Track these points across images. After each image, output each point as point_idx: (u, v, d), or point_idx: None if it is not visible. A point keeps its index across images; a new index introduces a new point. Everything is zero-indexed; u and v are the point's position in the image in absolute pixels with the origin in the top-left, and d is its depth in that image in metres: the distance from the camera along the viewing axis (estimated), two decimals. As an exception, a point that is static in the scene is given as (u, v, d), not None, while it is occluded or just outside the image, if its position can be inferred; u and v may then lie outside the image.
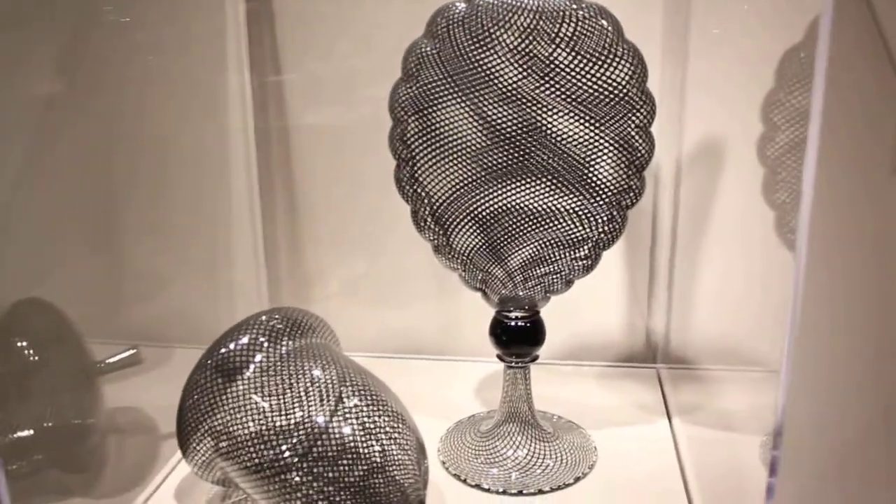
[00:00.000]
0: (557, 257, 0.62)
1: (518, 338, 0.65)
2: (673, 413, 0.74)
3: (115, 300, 0.90)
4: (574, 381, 0.82)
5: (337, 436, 0.55)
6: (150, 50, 0.84)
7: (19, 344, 0.68)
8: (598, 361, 0.85)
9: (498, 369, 0.69)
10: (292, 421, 0.56)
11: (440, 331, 0.88)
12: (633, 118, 0.58)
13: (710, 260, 0.80)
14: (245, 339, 0.62)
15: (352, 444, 0.54)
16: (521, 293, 0.64)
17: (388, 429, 0.56)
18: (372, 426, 0.56)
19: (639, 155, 0.59)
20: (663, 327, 0.84)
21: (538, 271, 0.62)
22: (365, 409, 0.57)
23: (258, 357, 0.61)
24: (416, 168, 0.61)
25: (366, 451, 0.54)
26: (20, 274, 0.93)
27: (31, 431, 0.64)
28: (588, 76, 0.56)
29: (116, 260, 0.91)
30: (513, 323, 0.65)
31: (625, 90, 0.57)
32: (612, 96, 0.56)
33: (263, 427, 0.56)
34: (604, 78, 0.56)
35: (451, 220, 0.61)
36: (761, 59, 0.63)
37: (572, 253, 0.61)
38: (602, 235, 0.61)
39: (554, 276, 0.63)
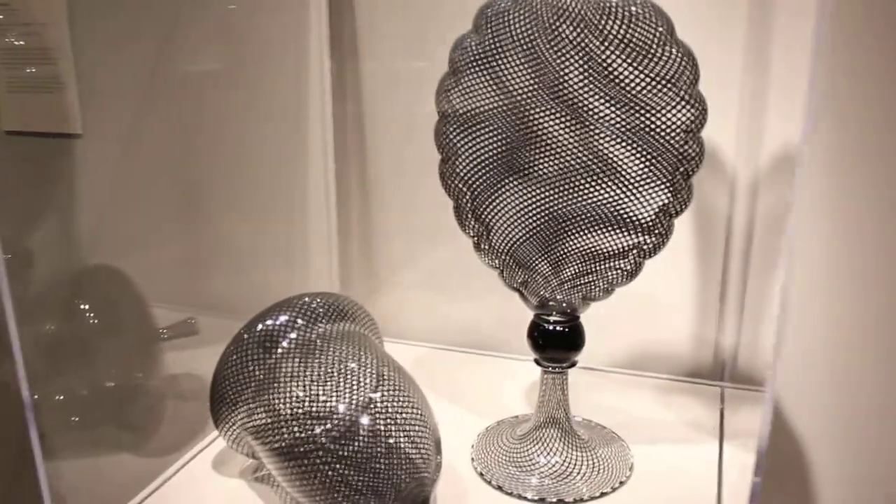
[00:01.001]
0: (597, 262, 0.59)
1: (555, 342, 0.64)
2: (727, 436, 0.70)
3: (194, 274, 0.95)
4: (632, 391, 0.79)
5: (358, 425, 0.55)
6: (236, 40, 0.88)
7: (83, 307, 0.73)
8: (662, 374, 0.81)
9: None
10: (320, 406, 0.57)
11: (501, 327, 0.86)
12: (682, 118, 0.55)
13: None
14: (283, 318, 0.64)
15: (369, 434, 0.55)
16: (559, 296, 0.62)
17: (406, 426, 0.56)
18: (392, 420, 0.56)
19: (687, 159, 0.56)
20: (733, 344, 0.79)
21: (577, 275, 0.60)
22: (389, 403, 0.57)
23: (293, 335, 0.63)
24: (457, 163, 0.60)
25: (380, 442, 0.55)
26: (112, 242, 1.00)
27: (92, 389, 0.69)
28: (636, 72, 0.53)
29: (199, 237, 0.97)
30: (551, 327, 0.63)
31: (674, 88, 0.54)
32: (659, 94, 0.53)
33: (289, 408, 0.57)
34: (652, 74, 0.53)
35: (490, 216, 0.60)
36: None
37: (612, 259, 0.59)
38: (644, 242, 0.58)
39: (594, 281, 0.61)
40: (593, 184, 0.56)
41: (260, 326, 0.63)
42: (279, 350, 0.62)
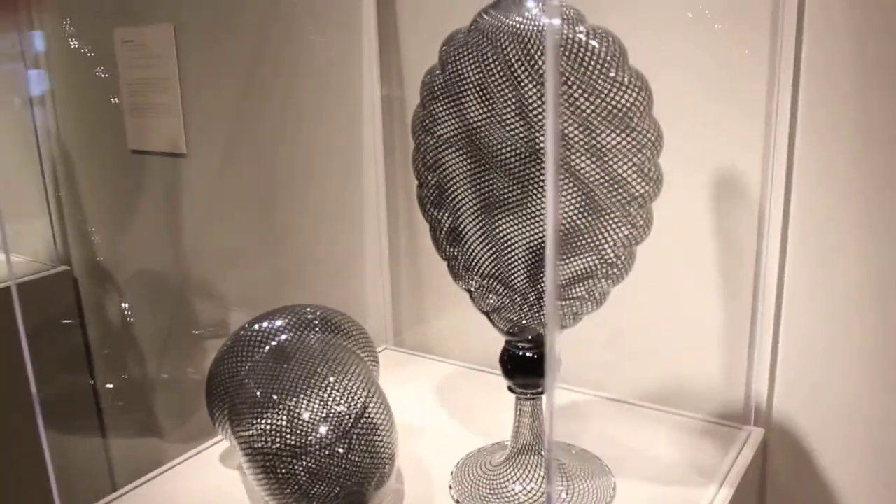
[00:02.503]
0: (564, 288, 0.59)
1: (525, 368, 0.63)
2: (732, 483, 0.65)
3: (269, 285, 1.03)
4: (647, 425, 0.75)
5: (316, 435, 0.58)
6: (302, 67, 0.95)
7: (115, 301, 0.82)
8: (688, 411, 0.77)
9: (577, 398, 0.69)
10: (286, 410, 0.61)
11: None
12: (634, 142, 0.53)
13: (828, 312, 0.69)
14: (279, 322, 0.69)
15: (322, 443, 0.58)
16: (527, 322, 0.61)
17: (362, 442, 0.58)
18: (347, 436, 0.58)
19: (638, 190, 0.54)
20: (765, 385, 0.73)
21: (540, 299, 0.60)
22: (349, 419, 0.59)
23: (284, 337, 0.67)
24: (427, 189, 0.62)
25: (333, 453, 0.57)
26: (205, 251, 1.10)
27: (135, 377, 0.77)
28: (589, 99, 0.52)
29: (274, 252, 1.04)
30: (521, 353, 0.63)
31: (628, 115, 0.52)
32: (614, 120, 0.52)
33: (258, 405, 0.62)
34: (607, 100, 0.52)
35: (462, 242, 0.61)
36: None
37: (578, 284, 0.58)
38: (609, 270, 0.57)
39: (562, 307, 0.60)
40: (568, 202, 0.55)
41: (256, 326, 0.68)
42: (266, 349, 0.66)
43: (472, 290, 0.63)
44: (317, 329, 0.69)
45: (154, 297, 1.24)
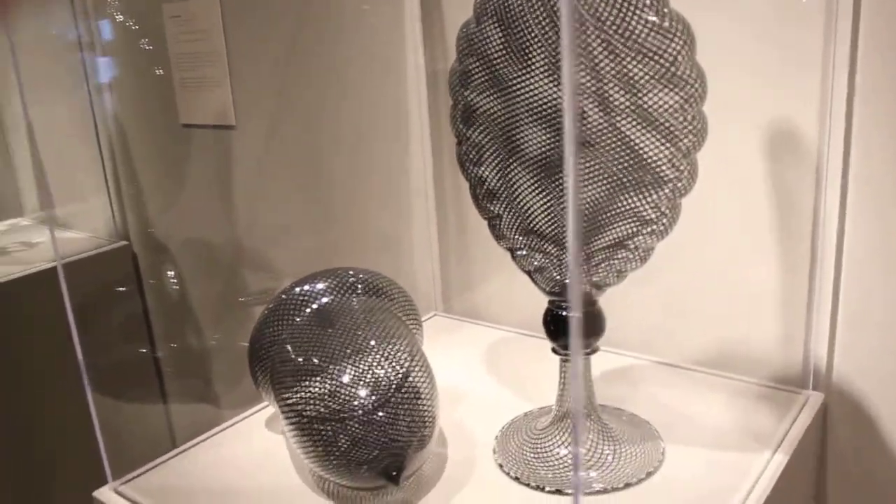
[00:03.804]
0: (610, 247, 0.57)
1: (567, 328, 0.62)
2: (787, 449, 0.63)
3: (317, 254, 1.04)
4: (700, 390, 0.73)
5: (356, 396, 0.58)
6: (346, 34, 0.95)
7: (170, 273, 0.83)
8: (742, 376, 0.74)
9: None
10: (328, 372, 0.60)
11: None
12: (682, 102, 0.51)
13: (889, 272, 0.66)
14: (321, 285, 0.69)
15: (363, 406, 0.58)
16: (568, 280, 0.60)
17: (400, 407, 0.58)
18: (387, 400, 0.58)
19: (684, 143, 0.52)
20: (824, 348, 0.70)
21: (589, 258, 0.58)
22: (391, 382, 0.59)
23: (325, 299, 0.67)
24: (469, 147, 0.61)
25: (371, 417, 0.57)
26: (255, 223, 1.11)
27: (191, 345, 0.79)
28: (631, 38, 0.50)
29: (323, 224, 1.05)
30: (563, 313, 0.61)
31: (670, 63, 0.50)
32: (655, 67, 0.50)
33: (301, 368, 0.62)
34: (646, 47, 0.50)
35: (505, 199, 0.60)
36: None
37: (624, 242, 0.56)
38: (654, 223, 0.55)
39: (608, 264, 0.58)
40: (602, 164, 0.53)
41: (297, 289, 0.68)
42: (307, 312, 0.66)
43: (514, 249, 0.62)
44: (359, 292, 0.69)
45: (207, 268, 1.26)
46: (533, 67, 0.53)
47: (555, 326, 0.62)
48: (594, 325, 0.61)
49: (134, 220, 1.36)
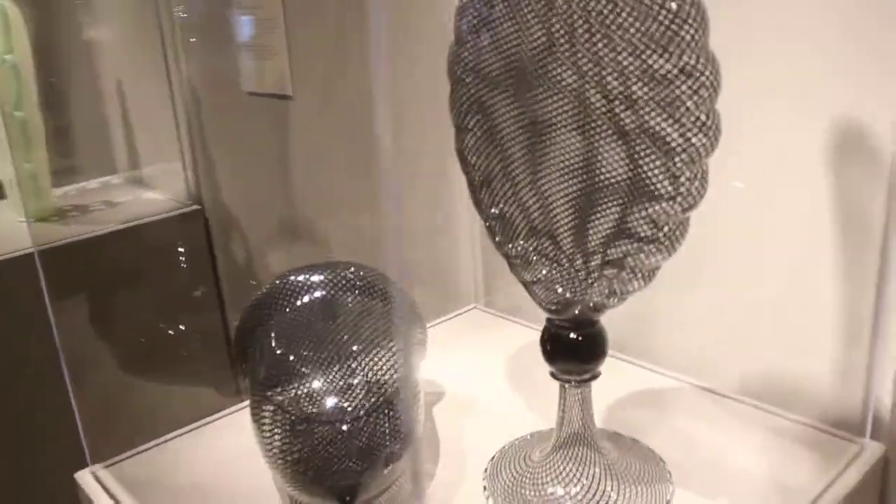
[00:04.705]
0: (615, 254, 0.49)
1: (565, 351, 0.54)
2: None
3: (362, 230, 1.00)
4: (733, 423, 0.64)
5: (322, 403, 0.54)
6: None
7: (180, 249, 0.81)
8: (786, 412, 0.64)
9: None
10: (302, 372, 0.56)
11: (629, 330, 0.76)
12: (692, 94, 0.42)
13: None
14: (317, 278, 0.64)
15: (327, 415, 0.53)
16: (569, 294, 0.52)
17: (368, 422, 0.53)
18: (355, 411, 0.53)
19: (681, 144, 0.43)
20: (889, 390, 0.59)
21: (595, 268, 0.51)
22: (362, 396, 0.54)
23: (318, 294, 0.63)
24: (470, 136, 0.54)
25: (335, 429, 0.53)
26: (310, 195, 1.08)
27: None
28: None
29: (368, 199, 1.01)
30: (563, 333, 0.54)
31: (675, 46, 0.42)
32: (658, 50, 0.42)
33: (273, 361, 0.58)
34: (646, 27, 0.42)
35: (507, 196, 0.53)
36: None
37: (617, 260, 0.49)
38: (649, 244, 0.47)
39: (612, 275, 0.50)
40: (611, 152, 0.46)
41: (292, 278, 0.64)
42: (296, 304, 0.62)
43: (513, 254, 0.55)
44: (356, 291, 0.64)
45: (267, 238, 1.25)
46: (536, 47, 0.46)
47: (552, 347, 0.55)
48: (594, 348, 0.54)
49: (205, 184, 1.36)
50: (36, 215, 1.29)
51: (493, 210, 0.54)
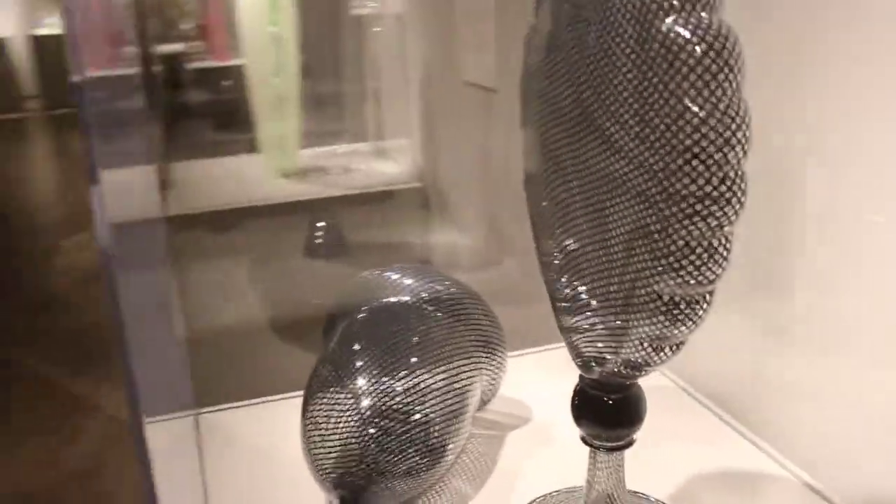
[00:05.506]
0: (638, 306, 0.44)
1: (596, 414, 0.49)
2: None
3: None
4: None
5: (359, 406, 0.55)
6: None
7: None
8: None
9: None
10: (355, 373, 0.58)
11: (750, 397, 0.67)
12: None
13: None
14: (408, 281, 0.65)
15: (357, 419, 0.54)
16: (604, 353, 0.47)
17: (393, 446, 0.53)
18: (384, 429, 0.54)
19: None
20: None
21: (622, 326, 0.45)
22: (397, 416, 0.55)
23: (404, 297, 0.63)
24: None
25: (364, 432, 0.53)
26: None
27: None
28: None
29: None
30: (593, 393, 0.49)
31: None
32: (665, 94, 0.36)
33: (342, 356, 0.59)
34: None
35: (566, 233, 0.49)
36: None
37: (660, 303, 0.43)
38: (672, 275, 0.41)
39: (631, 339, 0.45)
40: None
41: (387, 274, 0.66)
42: (375, 304, 0.63)
43: (560, 299, 0.50)
44: (442, 304, 0.63)
45: (472, 220, 1.27)
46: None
47: (582, 410, 0.49)
48: (628, 413, 0.48)
49: (427, 165, 1.42)
50: (281, 172, 1.44)
51: (550, 243, 0.51)
